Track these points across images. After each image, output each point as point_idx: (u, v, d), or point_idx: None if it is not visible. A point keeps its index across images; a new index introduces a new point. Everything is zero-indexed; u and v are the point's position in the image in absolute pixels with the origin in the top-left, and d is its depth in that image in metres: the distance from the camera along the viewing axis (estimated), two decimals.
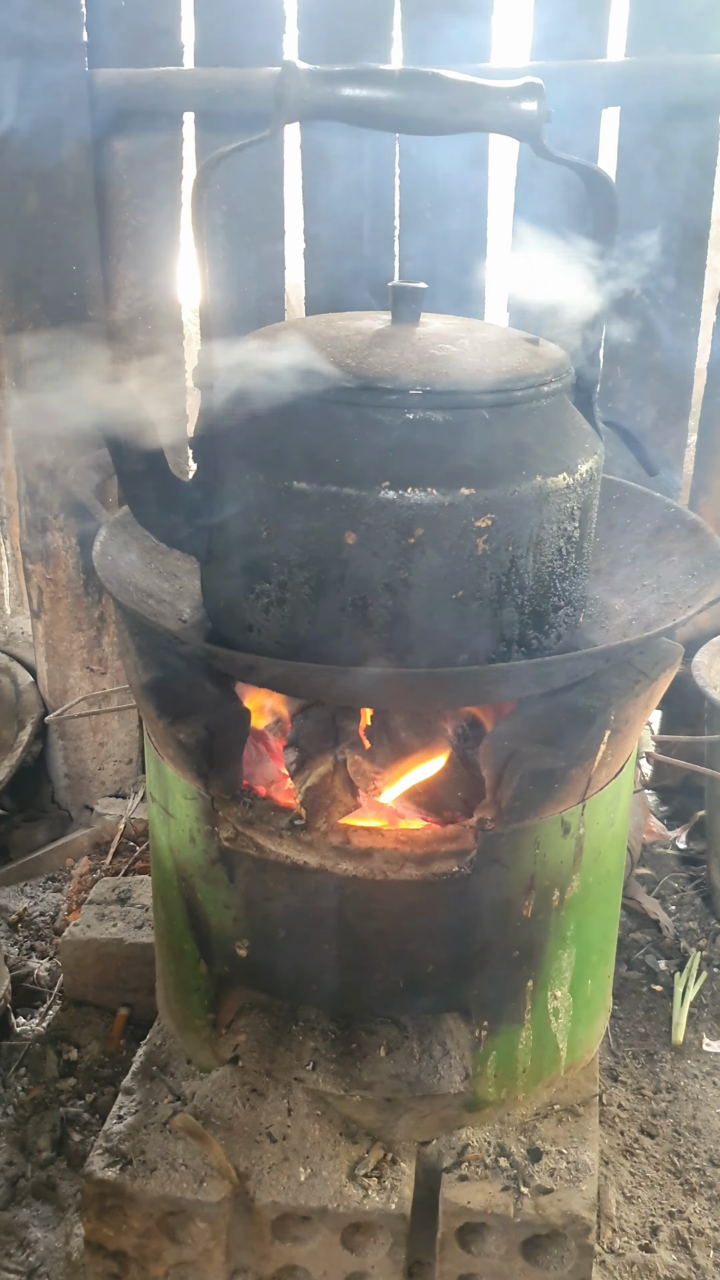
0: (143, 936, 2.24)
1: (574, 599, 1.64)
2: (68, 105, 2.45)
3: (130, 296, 2.67)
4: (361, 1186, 1.68)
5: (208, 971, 1.79)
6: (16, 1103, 2.12)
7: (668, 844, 2.85)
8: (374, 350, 1.53)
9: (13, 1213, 1.92)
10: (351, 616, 1.51)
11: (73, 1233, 1.88)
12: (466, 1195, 1.68)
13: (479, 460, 1.48)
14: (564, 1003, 1.79)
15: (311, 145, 2.55)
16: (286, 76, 1.44)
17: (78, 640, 2.87)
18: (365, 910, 1.65)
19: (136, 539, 1.85)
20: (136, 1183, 1.67)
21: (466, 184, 2.55)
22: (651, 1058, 2.23)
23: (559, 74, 2.37)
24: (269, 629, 1.57)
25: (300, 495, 1.48)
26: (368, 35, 2.47)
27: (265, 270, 2.64)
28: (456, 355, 1.53)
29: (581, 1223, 1.65)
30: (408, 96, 1.47)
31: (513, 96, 1.47)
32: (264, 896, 1.68)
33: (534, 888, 1.66)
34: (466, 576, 1.50)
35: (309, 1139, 1.72)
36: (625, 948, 2.48)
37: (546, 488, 1.51)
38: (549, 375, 1.56)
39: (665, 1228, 1.90)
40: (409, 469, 1.46)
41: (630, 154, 2.53)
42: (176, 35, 2.50)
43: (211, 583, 1.68)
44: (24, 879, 2.77)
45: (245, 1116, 1.74)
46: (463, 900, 1.64)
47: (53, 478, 2.70)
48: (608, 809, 1.74)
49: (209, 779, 1.65)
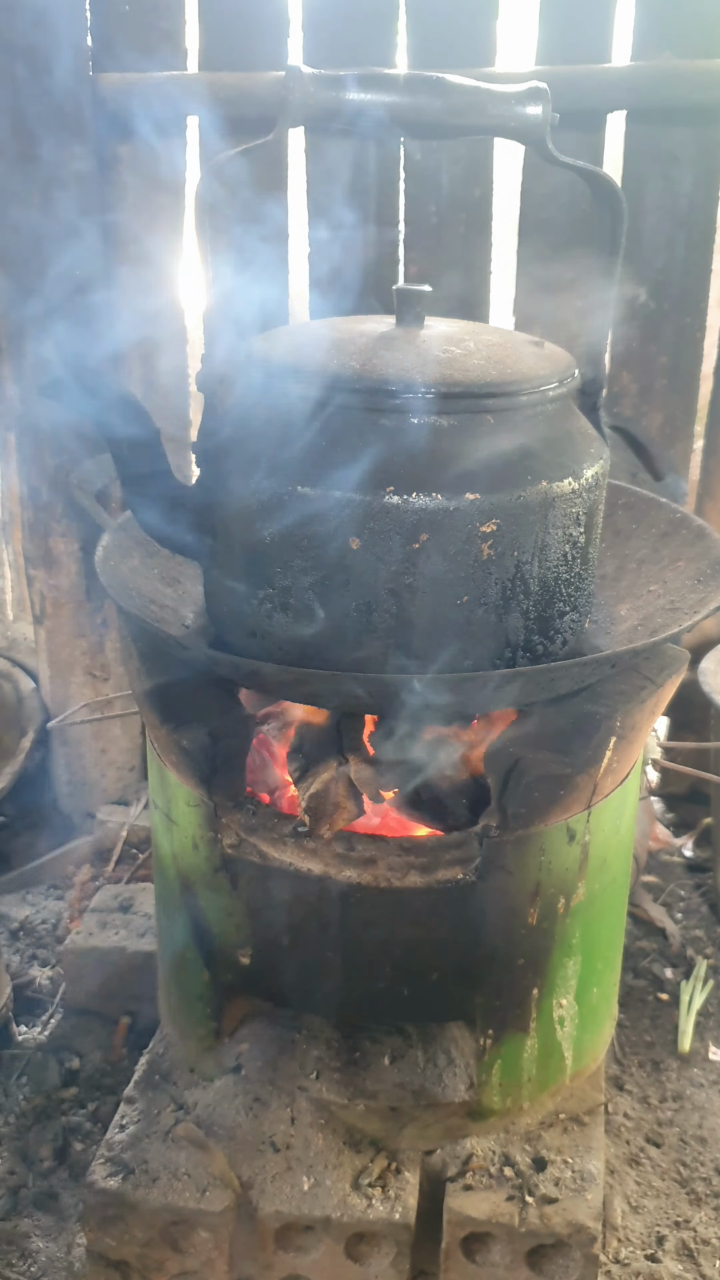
0: (145, 944, 2.23)
1: (579, 605, 1.63)
2: (72, 110, 2.45)
3: (134, 301, 2.66)
4: (365, 1196, 1.66)
5: (210, 979, 1.78)
6: (18, 1112, 2.11)
7: (674, 852, 2.83)
8: (378, 354, 1.52)
9: (14, 1222, 1.91)
10: (355, 622, 1.50)
11: (75, 1242, 1.87)
12: (471, 1205, 1.67)
13: (484, 465, 1.47)
14: (569, 1011, 1.77)
15: (316, 149, 2.55)
16: (291, 80, 1.44)
17: (80, 646, 2.86)
18: (369, 918, 1.64)
19: (139, 544, 1.85)
20: (139, 1192, 1.66)
21: (471, 188, 2.54)
22: (657, 1066, 2.22)
23: (564, 78, 2.37)
24: (272, 634, 1.56)
25: (304, 500, 1.47)
26: (372, 40, 2.46)
27: (270, 274, 2.64)
28: (461, 359, 1.52)
29: (587, 1232, 1.63)
30: (412, 100, 1.46)
31: (517, 101, 1.46)
32: (267, 904, 1.67)
33: (539, 895, 1.65)
34: (471, 582, 1.49)
35: (312, 1148, 1.71)
36: (631, 956, 2.47)
37: (552, 493, 1.50)
38: (554, 379, 1.55)
39: (671, 1238, 1.89)
40: (413, 474, 1.45)
41: (635, 158, 2.53)
42: (181, 40, 2.50)
43: (214, 588, 1.67)
44: (25, 886, 2.76)
45: (248, 1125, 1.73)
46: (467, 908, 1.63)
47: (55, 483, 2.70)
48: (614, 816, 1.72)
49: (212, 785, 1.64)
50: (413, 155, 2.53)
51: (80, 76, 2.45)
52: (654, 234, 2.55)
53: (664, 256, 2.57)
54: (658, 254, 2.57)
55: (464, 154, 2.52)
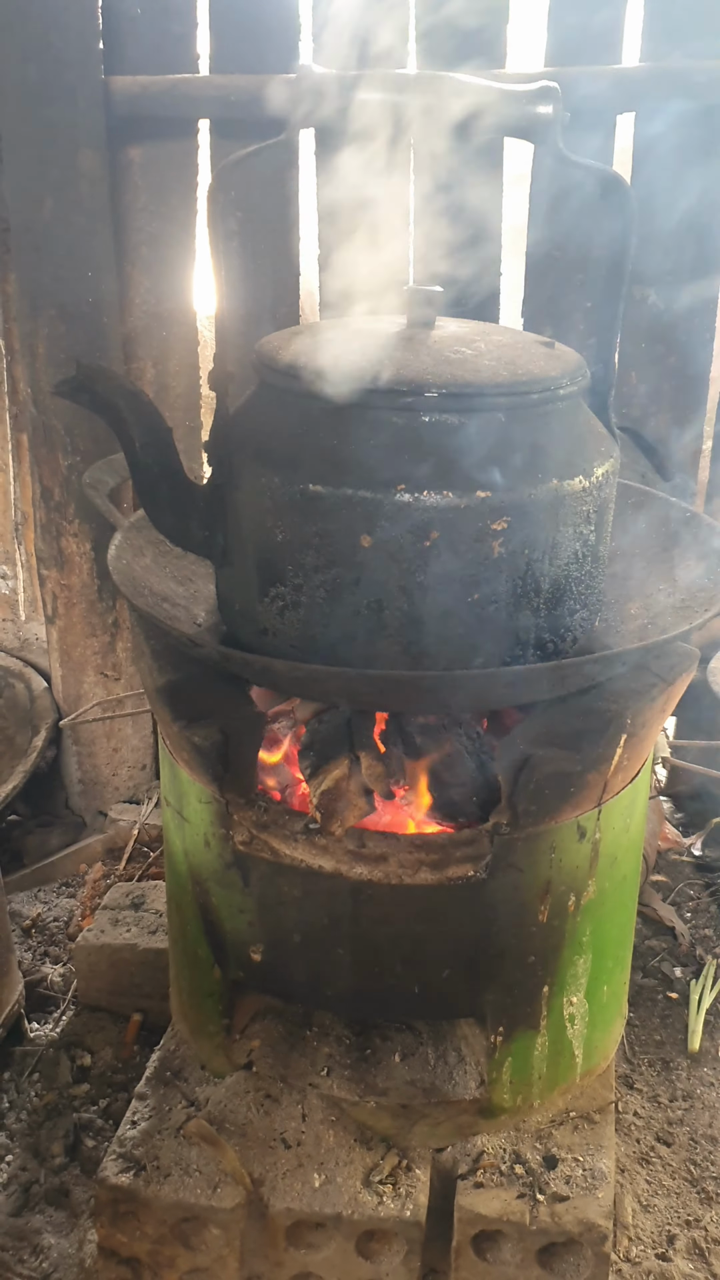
0: (156, 942, 2.24)
1: (590, 602, 1.64)
2: (84, 112, 2.46)
3: (145, 303, 2.68)
4: (376, 1193, 1.67)
5: (222, 976, 1.79)
6: (30, 1108, 2.11)
7: (683, 851, 2.83)
8: (390, 353, 1.52)
9: (26, 1218, 1.91)
10: (367, 619, 1.51)
11: (86, 1239, 1.88)
12: (482, 1202, 1.67)
13: (495, 463, 1.47)
14: (580, 1009, 1.77)
15: (326, 150, 2.56)
16: (302, 80, 1.45)
17: (92, 646, 2.87)
18: (380, 915, 1.64)
19: (151, 543, 1.86)
20: (150, 1188, 1.67)
21: (481, 188, 2.55)
22: (668, 1065, 2.22)
23: (574, 78, 2.37)
24: (284, 632, 1.57)
25: (315, 498, 1.48)
26: (384, 42, 2.47)
27: (280, 275, 2.65)
28: (472, 358, 1.53)
29: (598, 1231, 1.63)
30: (423, 100, 1.47)
31: (528, 100, 1.47)
32: (278, 901, 1.68)
33: (550, 893, 1.65)
34: (482, 580, 1.49)
35: (323, 1145, 1.71)
36: (641, 955, 2.47)
37: (562, 491, 1.51)
38: (564, 378, 1.55)
39: (682, 1236, 1.89)
40: (424, 472, 1.45)
41: (645, 158, 2.53)
42: (192, 43, 2.51)
43: (226, 586, 1.68)
44: (38, 884, 2.77)
45: (259, 1122, 1.73)
46: (478, 905, 1.63)
47: (68, 483, 2.71)
48: (624, 814, 1.73)
49: (224, 782, 1.64)
50: (423, 154, 2.53)
51: (92, 79, 2.46)
52: (663, 234, 2.55)
53: (673, 258, 2.57)
54: (667, 255, 2.57)
55: (475, 153, 2.52)
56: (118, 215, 2.59)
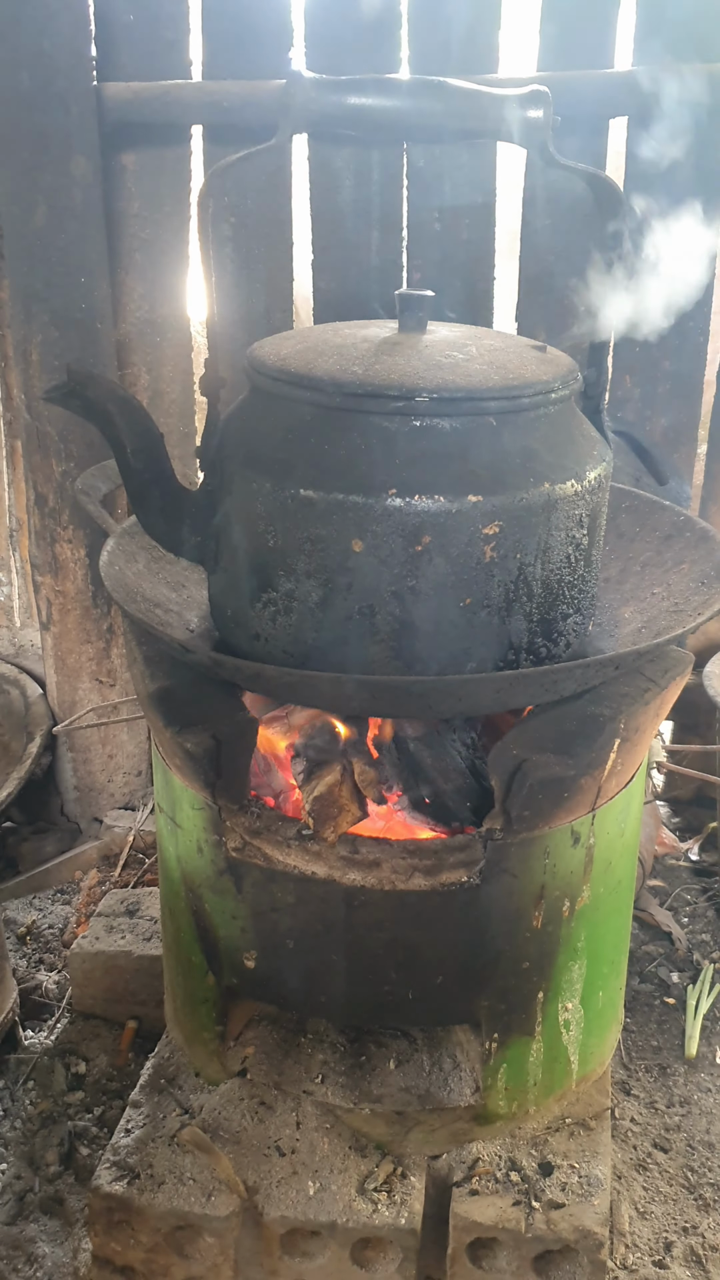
0: (151, 949, 2.23)
1: (583, 607, 1.63)
2: (76, 119, 2.46)
3: (139, 308, 2.68)
4: (371, 1201, 1.66)
5: (216, 983, 1.78)
6: (24, 1116, 2.11)
7: (680, 856, 2.83)
8: (381, 358, 1.52)
9: (20, 1227, 1.91)
10: (359, 625, 1.50)
11: (80, 1247, 1.87)
12: (477, 1210, 1.66)
13: (487, 467, 1.47)
14: (575, 1015, 1.77)
15: (319, 156, 2.56)
16: (293, 85, 1.45)
17: (86, 652, 2.87)
18: (373, 921, 1.64)
19: (144, 548, 1.85)
20: (144, 1196, 1.66)
21: (474, 193, 2.55)
22: (664, 1071, 2.21)
23: (566, 83, 2.37)
24: (276, 638, 1.57)
25: (307, 503, 1.47)
26: (375, 47, 2.47)
27: (273, 281, 2.65)
28: (464, 362, 1.53)
29: (594, 1238, 1.63)
30: (415, 105, 1.47)
31: (519, 104, 1.47)
32: (272, 907, 1.67)
33: (544, 898, 1.65)
34: (474, 584, 1.49)
35: (318, 1152, 1.70)
36: (637, 960, 2.46)
37: (555, 495, 1.50)
38: (556, 382, 1.55)
39: (679, 1243, 1.88)
40: (416, 476, 1.45)
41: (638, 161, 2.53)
42: (184, 50, 2.51)
43: (218, 592, 1.68)
44: (32, 891, 2.77)
45: (254, 1130, 1.73)
46: (472, 911, 1.63)
47: (61, 489, 2.71)
48: (618, 819, 1.72)
49: (216, 788, 1.64)
50: (416, 159, 2.53)
51: (84, 86, 2.46)
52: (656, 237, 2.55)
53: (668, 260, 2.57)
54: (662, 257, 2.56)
55: (466, 160, 2.52)
56: (111, 221, 2.59)
